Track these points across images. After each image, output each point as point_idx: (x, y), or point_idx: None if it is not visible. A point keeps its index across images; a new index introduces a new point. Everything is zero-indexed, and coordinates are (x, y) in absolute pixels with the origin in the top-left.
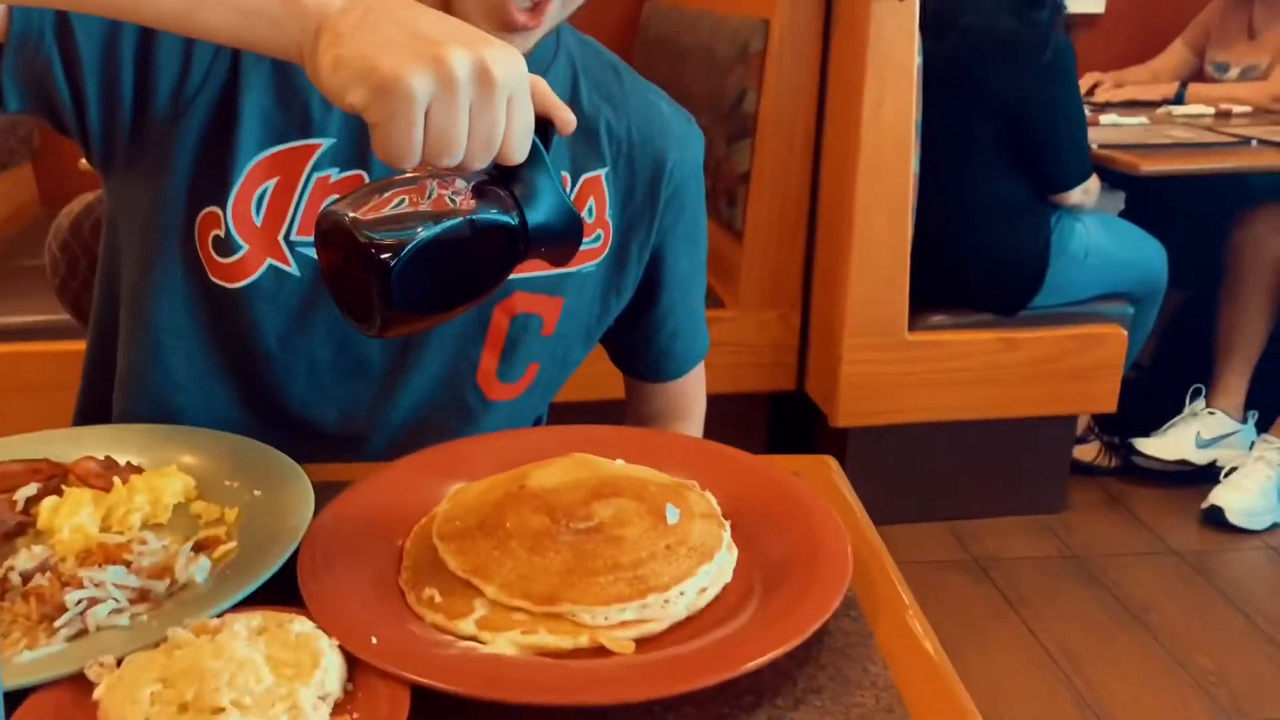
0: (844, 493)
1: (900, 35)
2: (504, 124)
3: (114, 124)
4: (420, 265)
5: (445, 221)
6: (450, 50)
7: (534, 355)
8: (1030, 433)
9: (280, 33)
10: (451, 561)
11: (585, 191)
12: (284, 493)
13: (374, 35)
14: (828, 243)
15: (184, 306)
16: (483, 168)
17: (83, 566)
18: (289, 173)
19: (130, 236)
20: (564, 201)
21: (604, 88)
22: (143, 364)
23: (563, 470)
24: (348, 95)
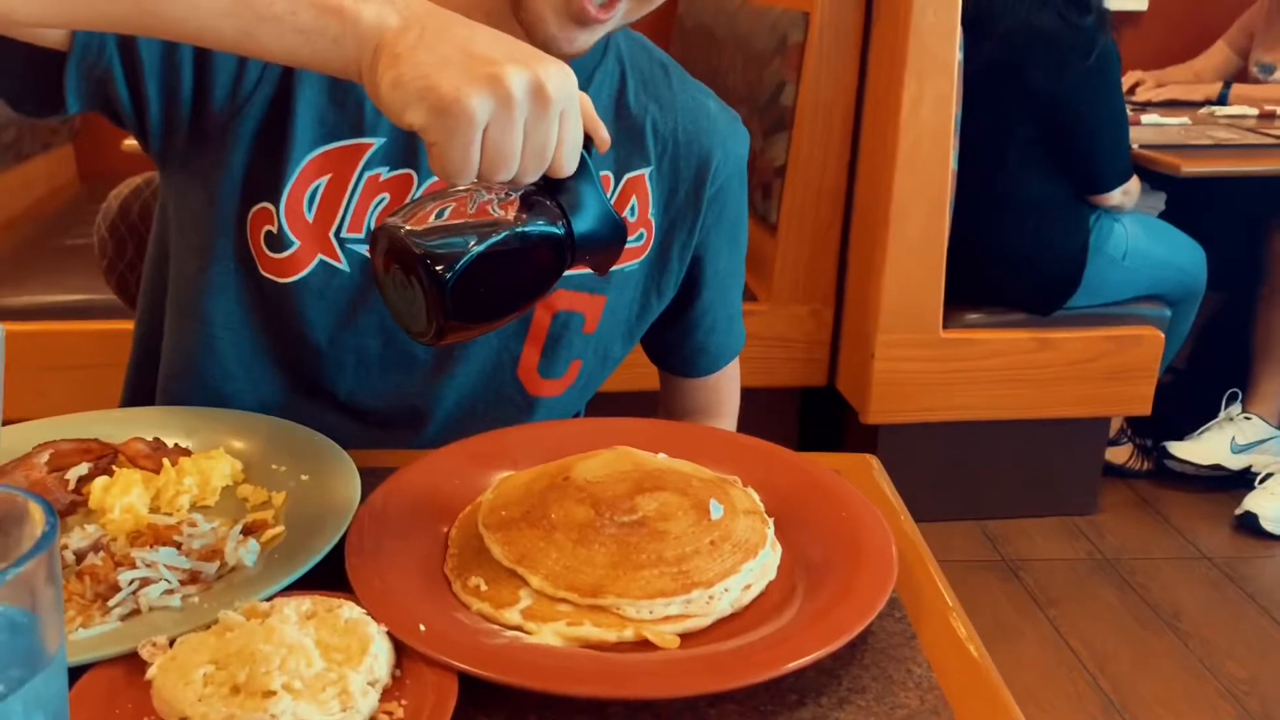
0: (886, 492)
1: (942, 31)
2: (556, 139)
3: (173, 122)
4: (474, 276)
5: (497, 233)
6: (507, 69)
7: (576, 352)
8: (1063, 434)
9: (339, 51)
10: (497, 550)
11: (629, 190)
12: (330, 478)
13: (432, 55)
14: (863, 238)
15: (235, 299)
16: (534, 180)
17: (134, 547)
18: (341, 170)
19: (184, 229)
20: (608, 210)
21: (652, 86)
22: (194, 353)
23: (606, 462)
24: (407, 114)
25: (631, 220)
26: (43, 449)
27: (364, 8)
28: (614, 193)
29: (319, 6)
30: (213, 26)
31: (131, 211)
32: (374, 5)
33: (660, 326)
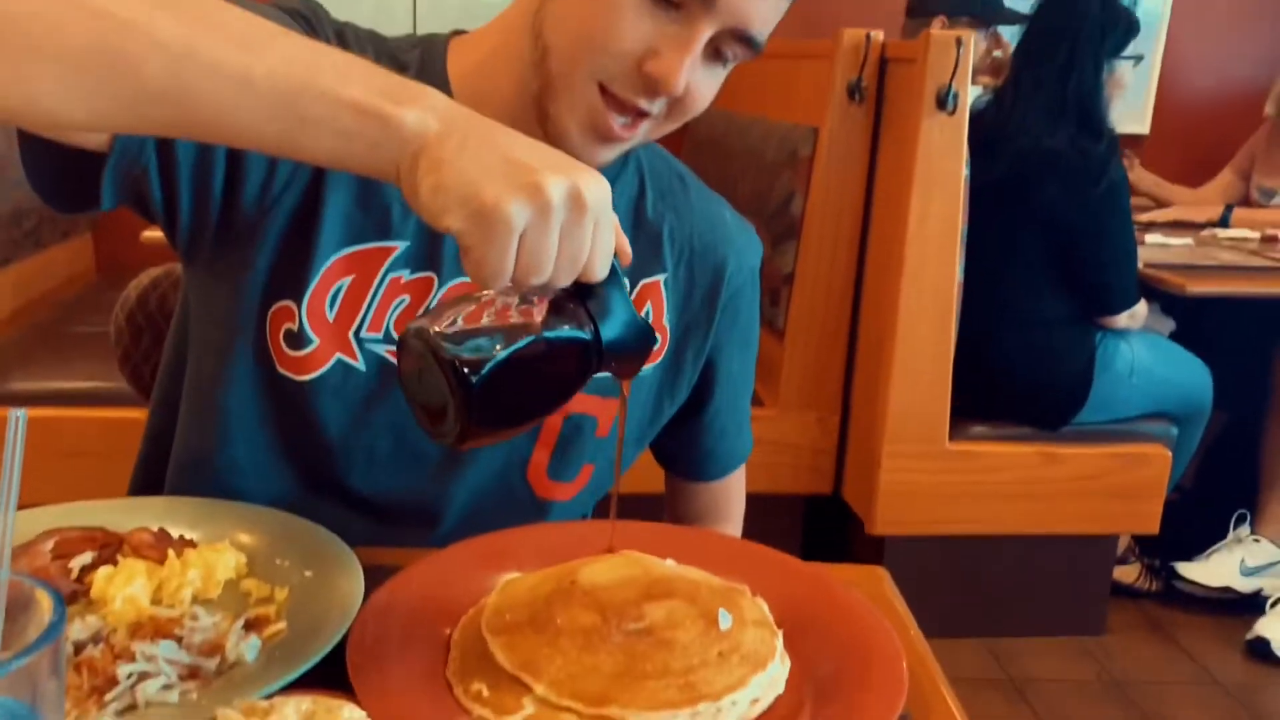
0: (896, 606)
1: (949, 149)
2: (589, 246)
3: (202, 220)
4: (501, 380)
5: (525, 338)
6: (547, 177)
7: (588, 456)
8: (1070, 551)
9: (379, 155)
10: (501, 656)
11: (644, 295)
12: (334, 574)
13: (474, 162)
14: (869, 348)
15: (251, 395)
16: (566, 284)
17: (134, 639)
18: (365, 272)
19: (205, 324)
20: (636, 317)
21: (669, 196)
22: (206, 446)
23: (614, 567)
24: (446, 218)
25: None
26: (48, 536)
27: (406, 113)
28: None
29: (360, 110)
30: (254, 129)
31: (149, 302)
32: (415, 110)
33: (670, 430)
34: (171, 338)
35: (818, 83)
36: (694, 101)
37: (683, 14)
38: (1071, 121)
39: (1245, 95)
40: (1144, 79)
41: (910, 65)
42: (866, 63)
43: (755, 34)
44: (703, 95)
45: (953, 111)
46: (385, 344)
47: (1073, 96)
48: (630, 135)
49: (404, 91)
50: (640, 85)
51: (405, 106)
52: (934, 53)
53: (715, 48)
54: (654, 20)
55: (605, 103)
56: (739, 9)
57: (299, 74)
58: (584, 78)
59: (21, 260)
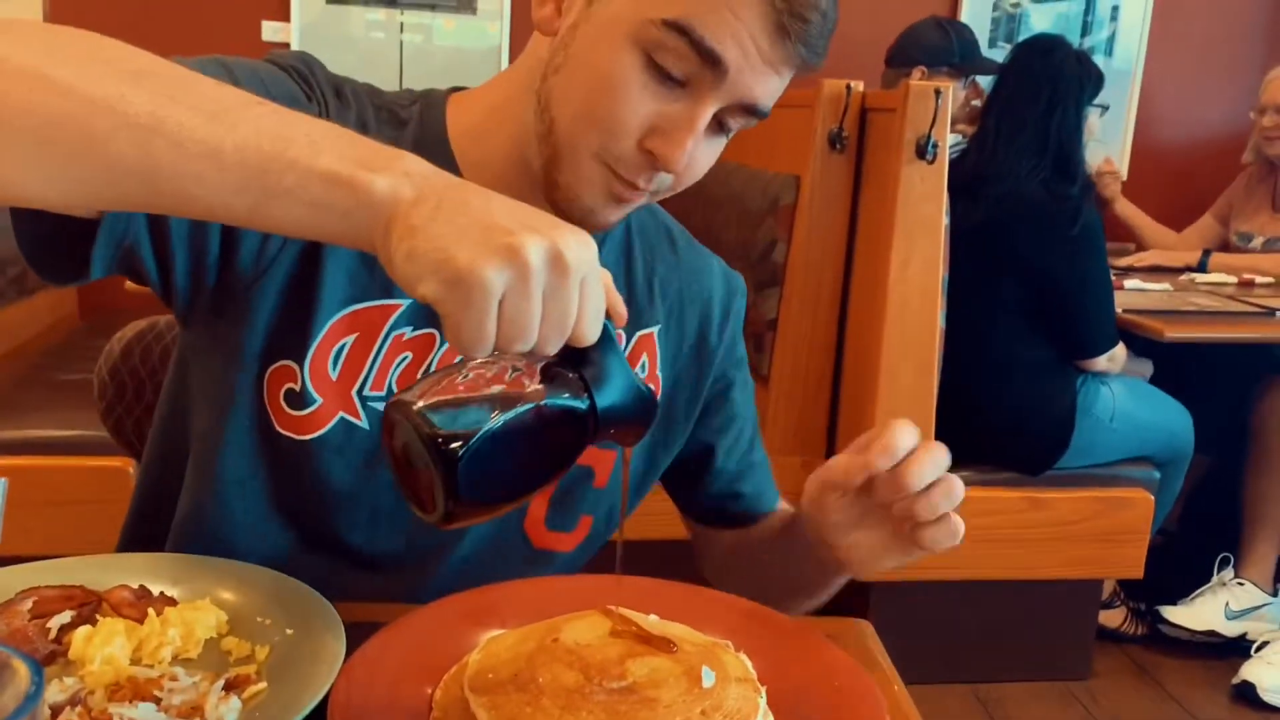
0: (879, 659)
1: (929, 196)
2: (576, 308)
3: (199, 284)
4: (487, 455)
5: (513, 409)
6: (524, 238)
7: (586, 508)
8: (1055, 596)
9: (350, 225)
10: (483, 715)
11: (639, 348)
12: (316, 632)
13: (449, 227)
14: (853, 393)
15: (247, 455)
16: (554, 351)
17: (112, 700)
18: (368, 330)
19: (202, 384)
20: (634, 382)
21: (658, 249)
22: (204, 506)
23: (596, 624)
24: (421, 286)
25: (642, 375)
26: (26, 595)
27: (376, 180)
28: (625, 349)
29: (330, 179)
30: (223, 203)
31: (133, 355)
32: (387, 177)
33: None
34: (164, 398)
35: (799, 132)
36: (692, 173)
37: (688, 91)
38: (1049, 165)
39: (1218, 141)
40: (1119, 128)
41: (890, 115)
42: (847, 112)
43: (761, 106)
44: (702, 166)
45: (932, 160)
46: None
47: (1054, 138)
48: (640, 197)
49: (377, 158)
50: (642, 163)
51: (377, 173)
52: (913, 102)
53: (719, 119)
54: (657, 98)
55: (609, 176)
56: (746, 87)
57: (268, 145)
58: (586, 155)
59: (5, 308)
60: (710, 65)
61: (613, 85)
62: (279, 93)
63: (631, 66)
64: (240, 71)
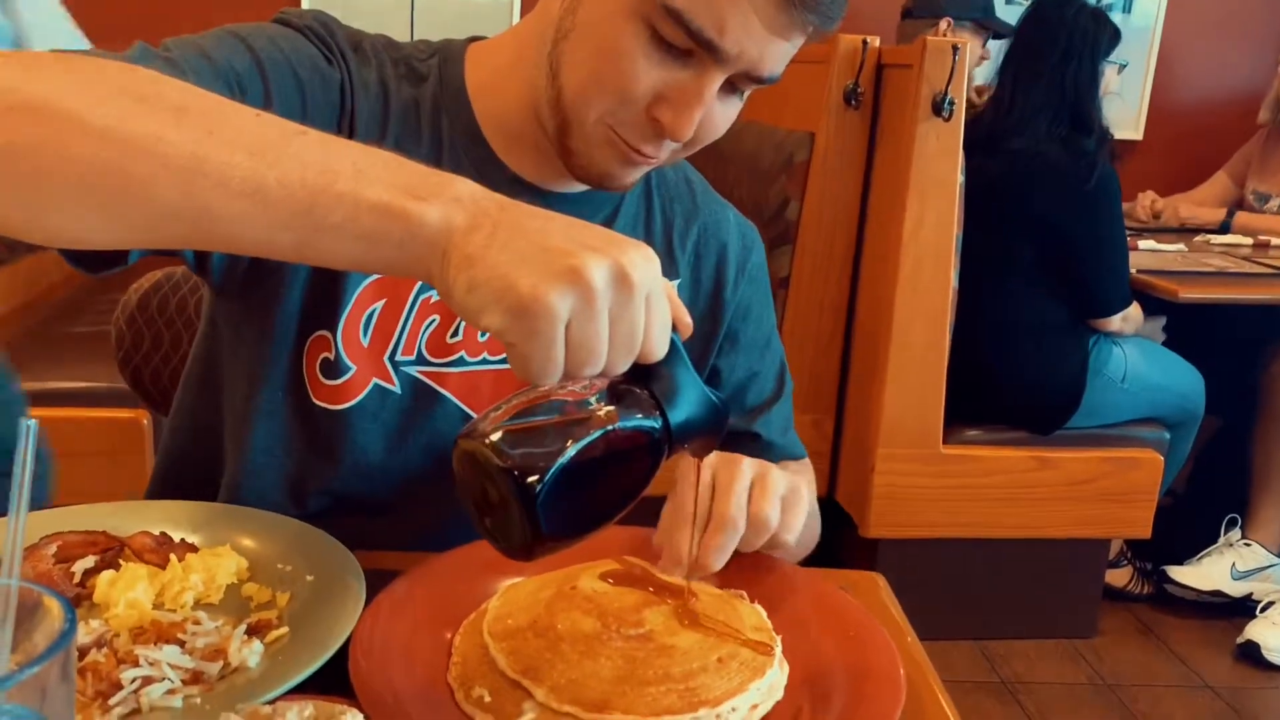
0: (892, 611)
1: (944, 154)
2: (643, 325)
3: (234, 261)
4: (566, 485)
5: (589, 435)
6: (586, 258)
7: None
8: (1062, 554)
9: (404, 255)
10: (502, 661)
11: None
12: (336, 579)
13: (506, 253)
14: (864, 352)
15: (280, 425)
16: (624, 369)
17: (137, 643)
18: (396, 295)
19: (236, 355)
20: (705, 393)
21: (678, 200)
22: (236, 476)
23: (613, 573)
24: (484, 318)
25: None
26: (50, 540)
27: (427, 210)
28: None
29: (380, 211)
30: (269, 240)
31: (150, 306)
32: (438, 206)
33: None
34: (193, 361)
35: (814, 88)
36: (708, 134)
37: (694, 61)
38: (1065, 118)
39: (1237, 101)
40: (1137, 86)
41: (906, 71)
42: (863, 69)
43: (768, 74)
44: (717, 127)
45: (948, 117)
46: (418, 365)
47: (1070, 91)
48: (654, 159)
49: (425, 185)
50: (649, 131)
51: (428, 202)
52: (930, 59)
53: (730, 84)
54: (663, 67)
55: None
56: (751, 58)
57: (313, 179)
58: (595, 122)
59: (17, 261)
60: (708, 49)
61: (618, 54)
62: (300, 59)
63: (635, 36)
64: (258, 43)
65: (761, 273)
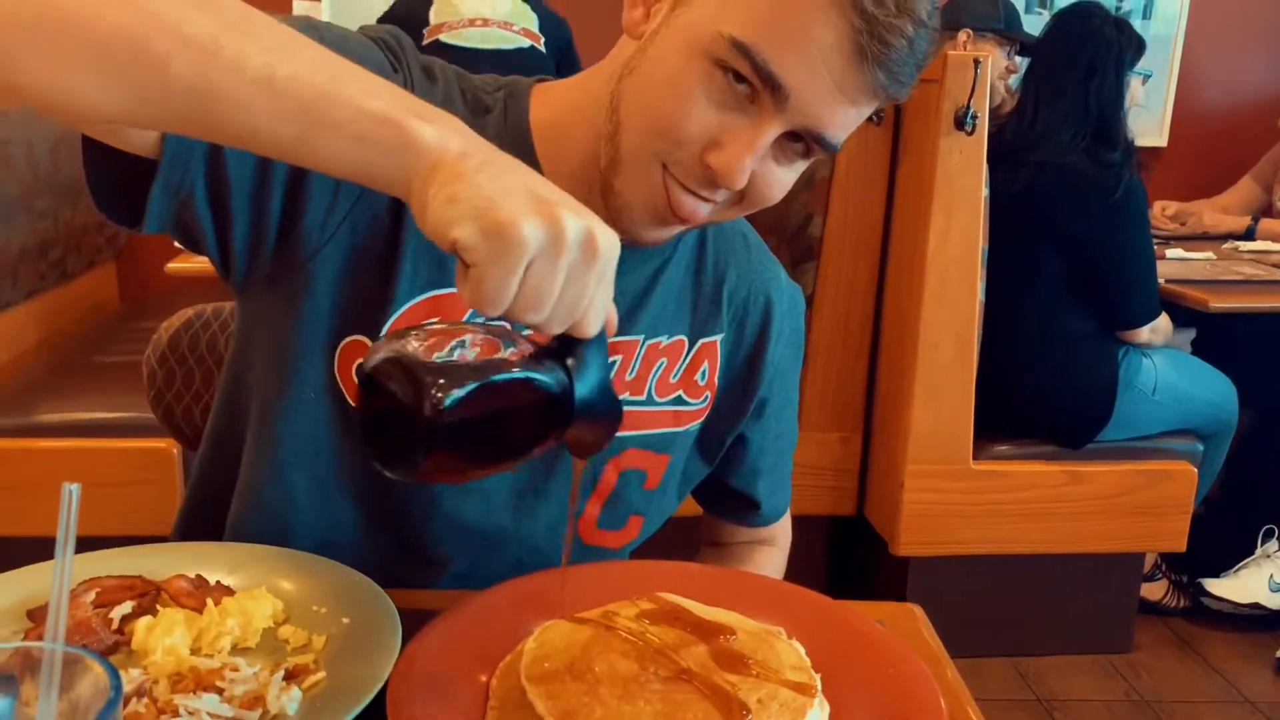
0: (930, 644)
1: (968, 168)
2: (590, 297)
3: (257, 248)
4: (469, 410)
5: (503, 373)
6: (565, 211)
7: (636, 508)
8: (1096, 569)
9: (392, 163)
10: (540, 705)
11: (701, 356)
12: (372, 621)
13: (494, 182)
14: (891, 368)
15: (312, 428)
16: (558, 332)
17: (175, 690)
18: (449, 317)
19: (263, 355)
20: (611, 388)
21: (733, 254)
22: (263, 480)
23: (650, 612)
24: (455, 229)
25: (701, 384)
26: (89, 586)
27: (425, 127)
28: (686, 357)
29: (380, 119)
30: (268, 129)
31: (180, 343)
32: (438, 127)
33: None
34: (225, 377)
35: None
36: (761, 196)
37: (753, 108)
38: (1090, 130)
39: (1261, 107)
40: (1161, 93)
41: (929, 86)
42: None
43: (829, 138)
44: (772, 191)
45: (971, 131)
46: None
47: (1094, 103)
48: (691, 219)
49: (430, 111)
50: (701, 175)
51: (428, 123)
52: (952, 73)
53: (790, 143)
54: (722, 111)
55: (668, 182)
56: (813, 113)
57: (322, 81)
58: (648, 159)
59: (47, 291)
60: (771, 89)
61: (678, 92)
62: (368, 60)
63: (698, 76)
64: (329, 36)
65: (801, 338)
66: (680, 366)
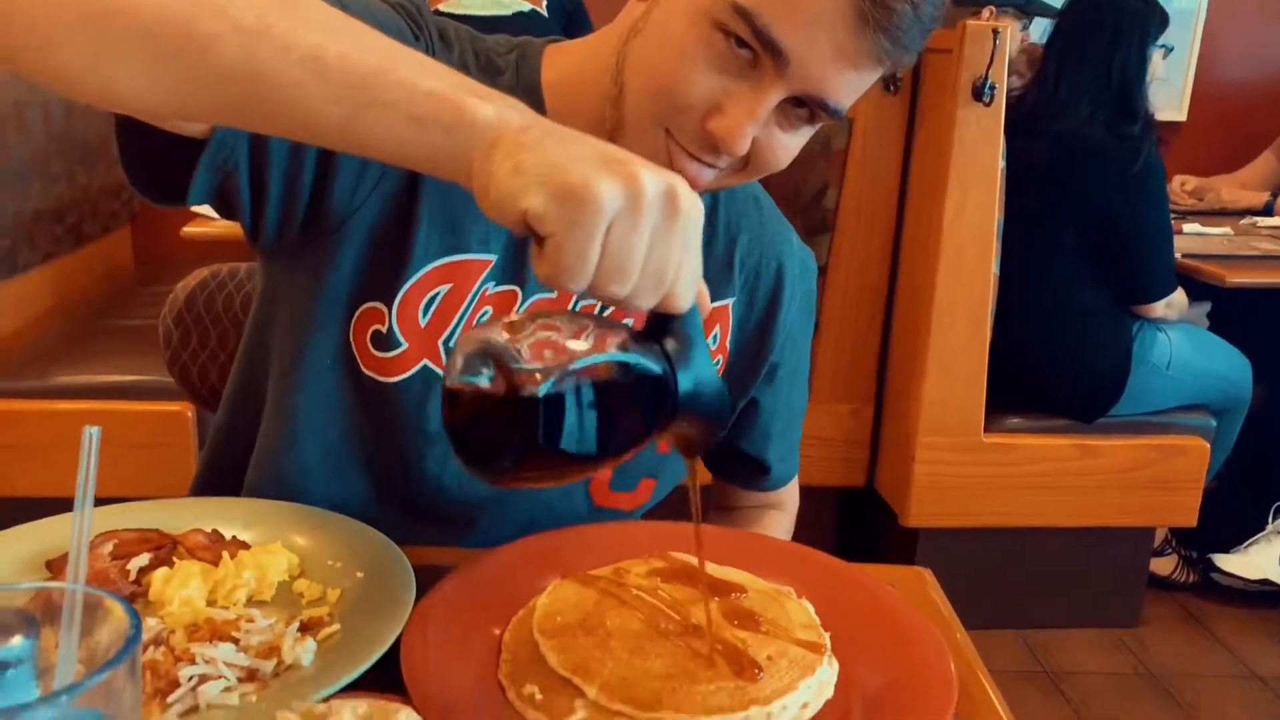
0: (940, 607)
1: (985, 140)
2: (678, 261)
3: (289, 217)
4: (565, 401)
5: (600, 357)
6: (641, 169)
7: (647, 470)
8: (1106, 543)
9: (450, 143)
10: (553, 658)
11: (712, 320)
12: (386, 576)
13: (561, 149)
14: (904, 340)
15: (326, 395)
16: (647, 307)
17: (192, 641)
18: (462, 282)
19: (283, 322)
20: (715, 375)
21: (745, 216)
22: (277, 446)
23: (660, 570)
24: (524, 199)
25: (712, 348)
26: (106, 538)
27: (482, 105)
28: None
29: (436, 97)
30: (318, 113)
31: (196, 303)
32: (495, 105)
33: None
34: (244, 342)
35: None
36: (765, 162)
37: (755, 74)
38: (1111, 102)
39: None
40: (1181, 67)
41: (946, 56)
42: None
43: (832, 104)
44: (777, 157)
45: (989, 102)
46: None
47: (1116, 76)
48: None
49: (483, 89)
50: (703, 141)
51: (485, 100)
52: (970, 43)
53: (794, 109)
54: (724, 76)
55: (671, 147)
56: (815, 78)
57: (374, 60)
58: (651, 123)
59: (62, 255)
60: (771, 54)
61: (681, 56)
62: (389, 26)
63: (701, 41)
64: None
65: (812, 302)
66: None
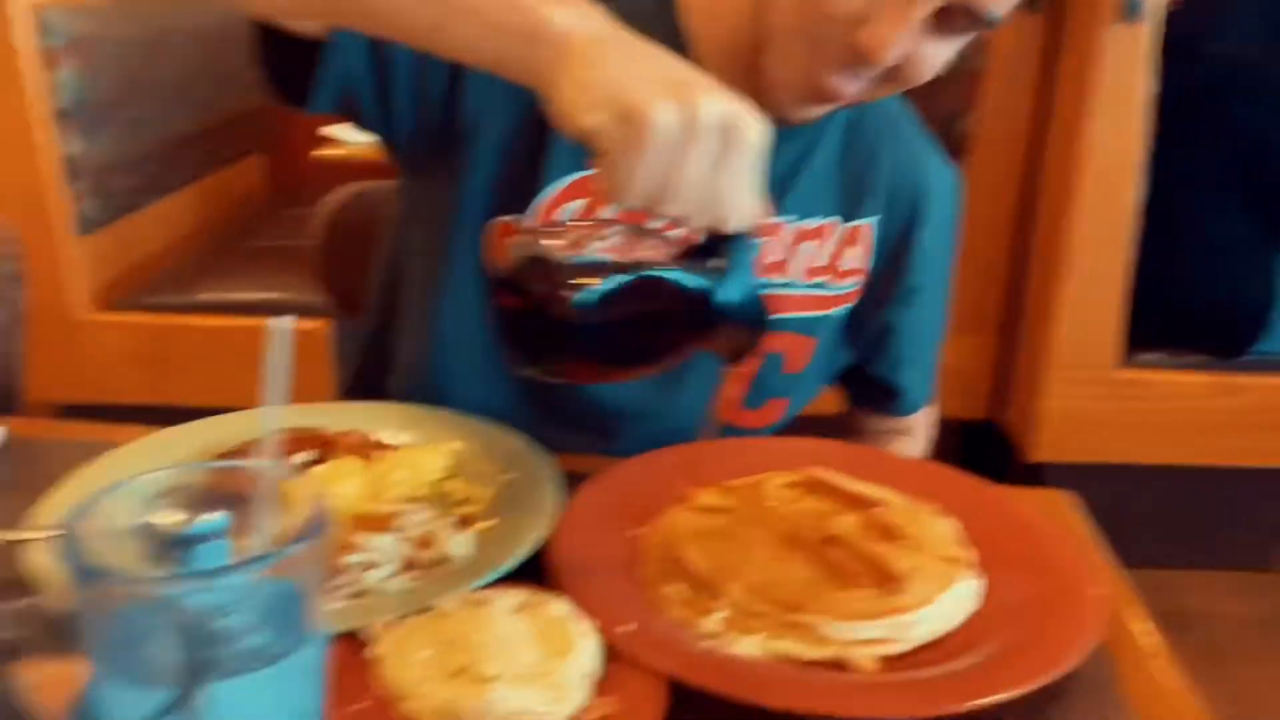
0: (1084, 533)
1: (1133, 63)
2: (730, 188)
3: (422, 126)
4: (607, 309)
5: (641, 271)
6: (702, 95)
7: (776, 390)
8: (1242, 484)
9: (524, 49)
10: (696, 561)
11: (852, 239)
12: (535, 478)
13: (629, 66)
14: (1039, 271)
15: (468, 307)
16: (697, 226)
17: (355, 531)
18: (596, 200)
19: (422, 234)
20: (758, 292)
21: (884, 134)
22: (424, 356)
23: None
24: (586, 116)
25: (850, 268)
26: None
27: (555, 12)
28: (835, 240)
29: (513, 4)
30: (409, 11)
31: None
32: (570, 12)
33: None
34: (387, 246)
35: None
36: (915, 73)
37: None
38: (1275, 20)
39: None
40: None
41: None
42: None
43: (987, 13)
44: (924, 68)
45: (1139, 22)
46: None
47: None
48: (838, 98)
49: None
50: (849, 53)
51: (560, 6)
52: None
53: (946, 18)
54: None
55: (816, 60)
56: None
57: None
58: (795, 36)
59: (204, 178)
60: None
61: None
62: None
63: None
64: None
65: (955, 224)
66: (828, 250)
